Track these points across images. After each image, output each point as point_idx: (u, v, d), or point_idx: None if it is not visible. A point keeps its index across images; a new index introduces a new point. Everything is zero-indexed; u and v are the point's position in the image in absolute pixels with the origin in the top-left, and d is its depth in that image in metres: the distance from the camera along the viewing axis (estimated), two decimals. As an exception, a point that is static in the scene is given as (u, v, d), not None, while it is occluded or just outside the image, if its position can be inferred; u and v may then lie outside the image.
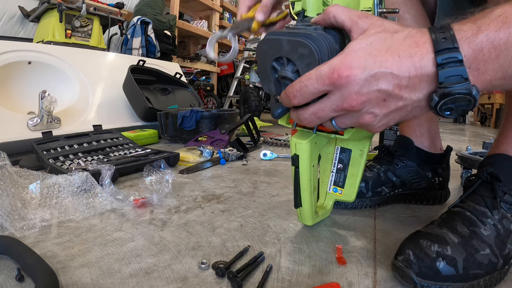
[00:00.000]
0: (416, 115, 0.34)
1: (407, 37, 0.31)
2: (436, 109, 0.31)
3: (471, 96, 0.30)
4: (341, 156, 0.57)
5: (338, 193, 0.57)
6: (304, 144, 0.45)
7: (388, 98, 0.31)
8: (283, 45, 0.36)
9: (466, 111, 0.32)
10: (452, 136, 2.53)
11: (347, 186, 0.57)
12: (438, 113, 0.31)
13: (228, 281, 0.40)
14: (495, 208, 0.44)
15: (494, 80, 0.30)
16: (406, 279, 0.40)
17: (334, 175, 0.57)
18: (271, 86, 0.40)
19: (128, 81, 1.61)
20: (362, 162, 0.55)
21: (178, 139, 1.47)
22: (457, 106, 0.30)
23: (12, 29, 2.31)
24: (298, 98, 0.34)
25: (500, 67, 0.29)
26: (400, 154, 0.69)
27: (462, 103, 0.30)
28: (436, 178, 0.70)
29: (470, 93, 0.29)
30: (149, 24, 2.56)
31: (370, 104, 0.32)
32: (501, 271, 0.41)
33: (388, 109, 0.32)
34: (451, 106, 0.30)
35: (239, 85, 3.89)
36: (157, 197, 0.68)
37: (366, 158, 0.55)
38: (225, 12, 4.62)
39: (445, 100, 0.30)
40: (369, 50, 0.31)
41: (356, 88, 0.31)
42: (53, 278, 0.38)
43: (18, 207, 0.56)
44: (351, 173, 0.56)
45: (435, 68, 0.30)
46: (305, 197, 0.50)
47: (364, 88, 0.31)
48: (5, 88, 1.28)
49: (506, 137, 0.51)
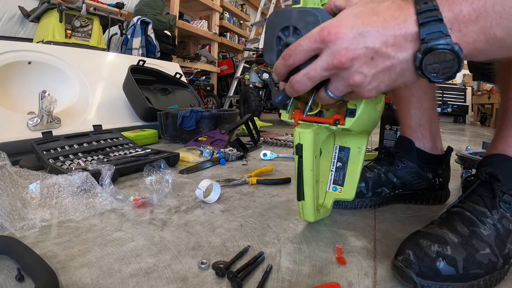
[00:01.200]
0: (406, 81, 0.35)
1: (392, 3, 0.34)
2: (422, 69, 0.32)
3: (453, 52, 0.31)
4: (340, 155, 0.57)
5: (338, 191, 0.58)
6: (308, 133, 0.46)
7: (375, 56, 0.33)
8: (292, 15, 0.40)
9: (452, 72, 0.32)
10: (452, 136, 2.53)
11: (347, 183, 0.57)
12: (425, 75, 0.33)
13: (228, 281, 0.40)
14: (494, 208, 0.44)
15: (477, 42, 0.31)
16: (406, 279, 0.40)
17: (334, 173, 0.58)
18: (273, 56, 0.43)
19: (128, 81, 1.61)
20: (360, 159, 0.55)
21: (178, 139, 1.47)
22: (442, 65, 0.32)
23: (12, 29, 2.31)
24: (292, 57, 0.36)
25: (482, 29, 0.30)
26: (401, 155, 0.69)
27: (447, 62, 0.31)
28: (437, 179, 0.70)
29: (453, 49, 0.31)
30: (149, 24, 2.56)
31: (358, 62, 0.33)
32: (501, 271, 0.41)
33: (377, 68, 0.33)
34: (436, 66, 0.32)
35: (239, 85, 3.89)
36: (157, 197, 0.68)
37: (364, 155, 0.55)
38: (225, 12, 4.62)
39: (428, 57, 0.31)
40: (357, 15, 0.34)
41: (344, 44, 0.33)
42: (53, 278, 0.38)
43: (18, 207, 0.56)
44: (351, 170, 0.56)
45: (417, 28, 0.32)
46: (307, 189, 0.50)
47: (352, 44, 0.33)
48: (5, 88, 1.28)
49: (503, 137, 0.51)
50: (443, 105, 4.90)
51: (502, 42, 0.31)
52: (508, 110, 0.53)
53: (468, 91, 5.08)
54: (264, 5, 4.05)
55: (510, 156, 0.48)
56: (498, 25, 0.30)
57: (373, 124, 0.53)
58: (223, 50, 4.77)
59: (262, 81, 2.87)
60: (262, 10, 4.09)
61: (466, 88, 5.07)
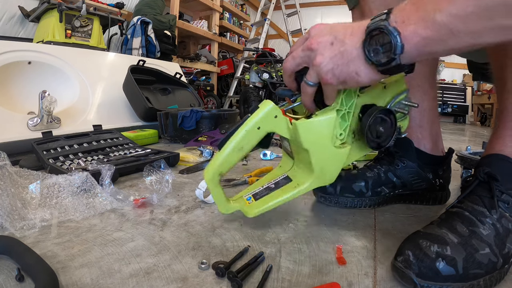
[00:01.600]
0: (357, 70, 0.41)
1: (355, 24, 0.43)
2: (364, 51, 0.40)
3: (389, 33, 0.37)
4: (280, 181, 0.57)
5: (248, 202, 0.56)
6: (269, 108, 0.49)
7: (334, 41, 0.42)
8: None
9: (392, 54, 0.38)
10: (452, 136, 2.53)
11: (259, 203, 0.55)
12: (368, 56, 0.39)
13: (228, 281, 0.40)
14: (493, 208, 0.44)
15: (419, 29, 0.35)
16: (406, 279, 0.40)
17: (261, 189, 0.57)
18: None
19: (128, 81, 1.61)
20: (288, 195, 0.54)
21: (178, 139, 1.47)
22: (382, 46, 0.38)
23: (12, 29, 2.31)
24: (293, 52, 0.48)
25: (421, 18, 0.35)
26: (400, 155, 0.69)
27: (385, 45, 0.38)
28: (437, 180, 0.69)
29: (388, 29, 0.37)
30: (149, 24, 2.56)
31: (321, 45, 0.42)
32: (501, 271, 0.41)
33: (333, 52, 0.42)
34: (376, 48, 0.39)
35: (239, 85, 3.89)
36: (157, 197, 0.68)
37: (295, 195, 0.54)
38: (225, 12, 4.62)
39: (370, 41, 0.39)
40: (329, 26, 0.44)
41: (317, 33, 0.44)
42: (53, 278, 0.38)
43: (18, 207, 0.56)
44: (272, 195, 0.55)
45: (368, 21, 0.40)
46: (229, 146, 0.49)
47: (321, 33, 0.43)
48: (5, 88, 1.28)
49: (500, 137, 0.51)
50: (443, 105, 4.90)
51: (445, 27, 0.34)
52: (505, 110, 0.53)
53: (468, 91, 5.08)
54: (264, 5, 4.05)
55: (508, 156, 0.49)
56: (435, 10, 0.34)
57: (327, 163, 0.52)
58: (223, 50, 4.77)
59: (262, 81, 2.87)
60: (262, 10, 4.09)
61: (466, 88, 5.07)
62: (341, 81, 0.43)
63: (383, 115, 0.53)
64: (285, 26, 3.95)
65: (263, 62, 3.06)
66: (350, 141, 0.55)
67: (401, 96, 0.58)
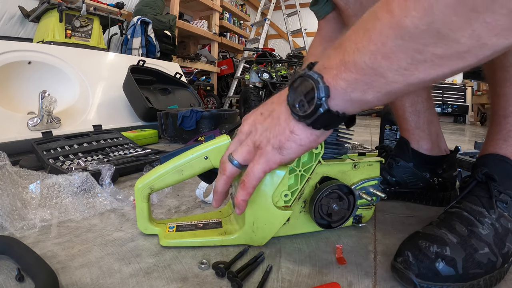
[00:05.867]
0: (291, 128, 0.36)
1: None
2: (290, 105, 0.36)
3: (307, 76, 0.34)
4: (210, 223, 0.54)
5: (168, 230, 0.52)
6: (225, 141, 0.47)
7: (263, 111, 0.40)
8: None
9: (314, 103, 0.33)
10: (452, 136, 2.53)
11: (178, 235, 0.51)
12: (292, 110, 0.36)
13: (228, 281, 0.40)
14: (491, 208, 0.44)
15: (341, 73, 0.32)
16: (406, 280, 0.40)
17: (188, 224, 0.54)
18: None
19: (128, 81, 1.61)
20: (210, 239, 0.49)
21: (178, 139, 1.47)
22: (305, 95, 0.34)
23: (12, 29, 2.32)
24: None
25: (342, 61, 0.32)
26: (394, 154, 0.70)
27: (307, 90, 0.34)
28: (436, 179, 0.70)
29: (307, 74, 0.34)
30: (149, 24, 2.56)
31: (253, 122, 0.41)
32: (500, 270, 0.42)
33: (264, 120, 0.39)
34: (301, 99, 0.35)
35: (239, 85, 3.89)
36: (157, 197, 0.68)
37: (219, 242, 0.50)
38: (225, 12, 4.62)
39: (291, 93, 0.36)
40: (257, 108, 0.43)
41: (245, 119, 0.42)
42: (53, 278, 0.38)
43: (18, 207, 0.56)
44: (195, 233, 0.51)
45: None
46: (170, 164, 0.48)
47: (250, 117, 0.42)
48: (5, 88, 1.28)
49: (495, 137, 0.51)
50: (443, 105, 4.90)
51: (368, 68, 0.30)
52: (497, 112, 0.53)
53: (468, 91, 5.07)
54: (264, 5, 4.05)
55: (504, 156, 0.49)
56: (354, 50, 0.31)
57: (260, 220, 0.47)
58: (223, 50, 4.77)
59: (262, 81, 2.87)
60: (262, 10, 4.09)
61: (466, 88, 5.07)
62: (280, 146, 0.37)
63: (341, 192, 0.49)
64: (285, 26, 3.96)
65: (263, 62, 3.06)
66: (298, 209, 0.51)
67: (371, 182, 0.54)
